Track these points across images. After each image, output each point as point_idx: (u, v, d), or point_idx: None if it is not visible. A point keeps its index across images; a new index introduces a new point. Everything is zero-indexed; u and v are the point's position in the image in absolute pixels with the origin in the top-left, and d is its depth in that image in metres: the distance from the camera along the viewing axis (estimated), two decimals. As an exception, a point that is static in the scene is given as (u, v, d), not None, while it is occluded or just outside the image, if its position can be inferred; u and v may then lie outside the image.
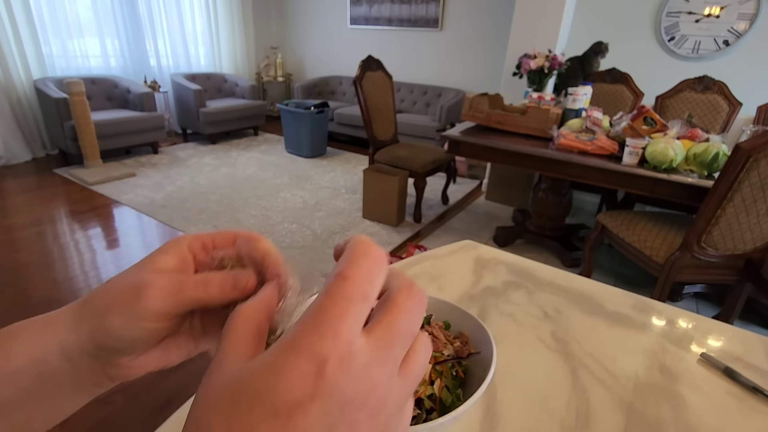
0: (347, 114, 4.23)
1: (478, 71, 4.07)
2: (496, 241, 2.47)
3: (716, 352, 0.53)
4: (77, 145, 3.11)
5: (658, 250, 1.61)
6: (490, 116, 2.08)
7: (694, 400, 0.46)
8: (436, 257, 0.74)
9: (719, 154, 1.50)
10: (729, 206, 1.38)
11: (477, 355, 0.39)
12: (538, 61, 2.23)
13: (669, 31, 2.76)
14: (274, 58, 5.29)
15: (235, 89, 4.67)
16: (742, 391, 0.48)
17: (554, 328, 0.57)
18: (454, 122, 3.61)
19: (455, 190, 3.30)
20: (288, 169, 3.57)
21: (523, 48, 2.52)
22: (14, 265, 1.98)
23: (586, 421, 0.42)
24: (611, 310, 0.62)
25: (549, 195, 2.24)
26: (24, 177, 3.11)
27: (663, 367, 0.51)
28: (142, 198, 2.81)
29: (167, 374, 1.38)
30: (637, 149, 1.63)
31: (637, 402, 0.45)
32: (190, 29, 4.53)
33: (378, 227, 2.57)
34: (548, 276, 0.70)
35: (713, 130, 2.47)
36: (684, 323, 0.60)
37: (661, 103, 2.62)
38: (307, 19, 5.13)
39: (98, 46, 3.86)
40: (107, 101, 3.75)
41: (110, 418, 1.21)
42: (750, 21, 2.55)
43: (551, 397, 0.45)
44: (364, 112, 2.53)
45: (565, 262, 2.26)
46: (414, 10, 4.21)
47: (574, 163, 1.76)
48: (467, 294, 0.64)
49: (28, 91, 3.38)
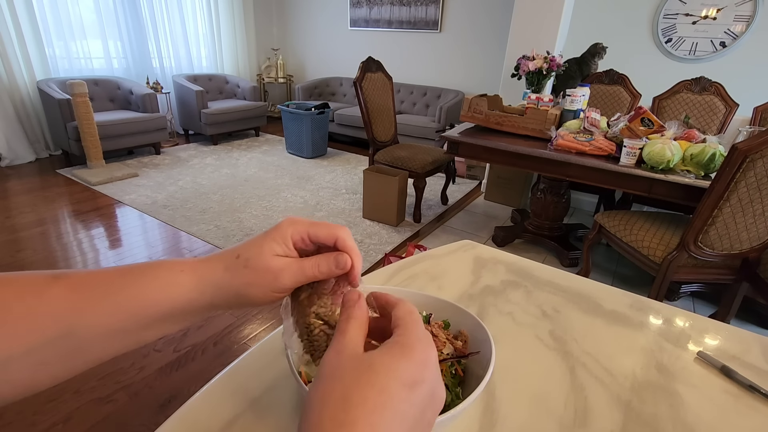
0: (348, 115, 4.24)
1: (478, 72, 4.07)
2: (494, 241, 2.48)
3: (713, 351, 0.54)
4: (80, 146, 3.12)
5: (656, 250, 1.61)
6: (489, 117, 2.09)
7: (691, 398, 0.46)
8: (435, 257, 0.74)
9: (716, 154, 1.51)
10: (725, 206, 1.39)
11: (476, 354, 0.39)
12: (537, 62, 2.23)
13: (666, 33, 2.77)
14: (275, 59, 5.30)
15: (237, 90, 4.68)
16: (739, 389, 0.48)
17: (552, 327, 0.57)
18: (454, 123, 3.61)
19: (454, 190, 3.30)
20: (289, 170, 3.58)
21: (521, 50, 2.53)
22: (18, 265, 1.99)
23: (584, 419, 0.43)
24: (609, 309, 0.62)
25: (547, 195, 2.25)
26: (27, 177, 3.12)
27: (660, 366, 0.51)
28: (145, 198, 2.81)
29: (169, 373, 1.39)
30: (635, 150, 1.64)
31: (634, 400, 0.45)
32: (192, 31, 4.53)
33: (378, 227, 2.57)
34: (547, 275, 0.70)
35: (710, 130, 2.48)
36: (681, 322, 0.61)
37: (658, 104, 2.63)
38: (307, 21, 5.14)
39: (101, 48, 3.87)
40: (110, 102, 3.75)
41: (112, 416, 1.22)
42: (747, 23, 2.56)
43: (549, 395, 0.46)
44: (365, 113, 2.53)
45: (564, 261, 2.26)
46: (414, 12, 4.22)
47: (572, 164, 1.77)
48: (466, 293, 0.64)
49: (32, 93, 3.39)
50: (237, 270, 0.26)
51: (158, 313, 0.24)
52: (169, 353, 1.48)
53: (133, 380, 1.35)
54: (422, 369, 0.20)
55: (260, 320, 1.69)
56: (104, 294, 0.23)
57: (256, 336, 1.60)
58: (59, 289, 0.22)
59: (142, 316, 0.24)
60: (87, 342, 0.22)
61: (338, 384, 0.19)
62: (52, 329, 0.21)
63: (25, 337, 0.21)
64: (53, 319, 0.21)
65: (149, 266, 0.25)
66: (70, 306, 0.22)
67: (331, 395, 0.18)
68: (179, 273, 0.25)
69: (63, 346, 0.22)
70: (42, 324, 0.21)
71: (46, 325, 0.21)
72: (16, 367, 0.20)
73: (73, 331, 0.22)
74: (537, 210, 2.33)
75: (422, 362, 0.20)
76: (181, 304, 0.25)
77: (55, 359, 0.22)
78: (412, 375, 0.19)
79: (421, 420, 0.19)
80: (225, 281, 0.26)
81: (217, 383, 0.44)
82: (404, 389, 0.19)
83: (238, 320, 1.68)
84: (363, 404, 0.17)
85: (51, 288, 0.22)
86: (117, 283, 0.24)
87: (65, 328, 0.22)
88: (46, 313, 0.21)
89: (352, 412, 0.17)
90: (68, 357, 0.22)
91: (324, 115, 3.88)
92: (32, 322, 0.21)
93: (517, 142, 1.94)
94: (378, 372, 0.19)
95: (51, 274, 0.23)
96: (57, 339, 0.21)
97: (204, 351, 1.50)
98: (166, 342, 1.53)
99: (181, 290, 0.25)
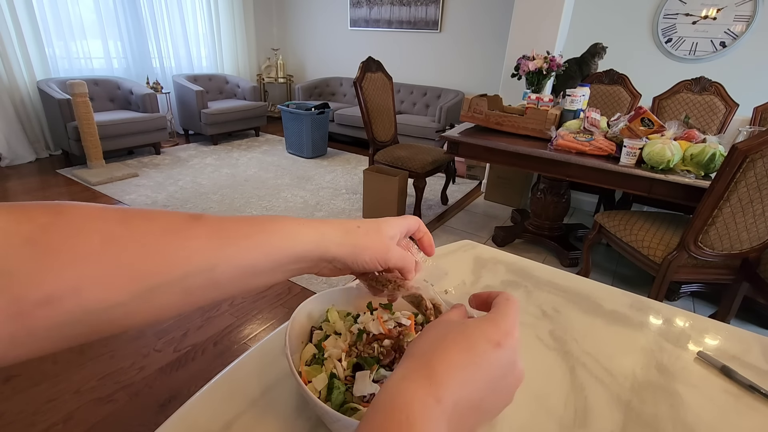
0: (348, 115, 4.24)
1: (478, 72, 4.08)
2: (494, 241, 2.48)
3: (713, 351, 0.54)
4: (80, 146, 3.12)
5: (656, 250, 1.62)
6: (489, 117, 2.09)
7: (691, 398, 0.46)
8: (435, 257, 0.74)
9: (716, 154, 1.51)
10: (725, 206, 1.39)
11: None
12: (537, 62, 2.23)
13: (666, 33, 2.77)
14: (275, 59, 5.30)
15: (237, 90, 4.68)
16: (739, 389, 0.48)
17: (552, 327, 0.57)
18: (454, 123, 3.61)
19: (454, 190, 3.30)
20: (289, 170, 3.58)
21: (521, 50, 2.53)
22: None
23: (584, 419, 0.43)
24: (609, 309, 0.62)
25: (547, 195, 2.25)
26: (27, 177, 3.12)
27: (660, 366, 0.51)
28: (145, 198, 2.82)
29: (169, 373, 1.39)
30: (635, 150, 1.64)
31: (634, 400, 0.45)
32: (192, 31, 4.54)
33: (378, 228, 2.57)
34: (547, 275, 0.70)
35: (710, 131, 2.48)
36: (681, 322, 0.61)
37: (658, 104, 2.63)
38: (307, 21, 5.14)
39: (101, 48, 3.87)
40: (110, 102, 3.76)
41: (112, 415, 1.22)
42: (747, 23, 2.56)
43: (549, 395, 0.46)
44: (364, 113, 2.53)
45: (564, 261, 2.26)
46: (414, 12, 4.22)
47: (572, 164, 1.77)
48: (466, 293, 0.64)
49: (32, 93, 3.39)
50: (357, 236, 0.31)
51: (279, 258, 0.28)
52: (169, 353, 1.48)
53: (133, 380, 1.35)
54: (506, 336, 0.23)
55: (260, 320, 1.69)
56: (239, 237, 0.26)
57: (256, 336, 1.60)
58: (201, 228, 0.25)
59: (266, 260, 0.27)
60: (224, 276, 0.25)
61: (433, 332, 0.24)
62: (196, 263, 0.24)
63: (174, 267, 0.23)
64: (198, 254, 0.24)
65: (274, 219, 0.29)
66: (211, 244, 0.25)
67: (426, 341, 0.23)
68: (300, 226, 0.29)
69: (205, 278, 0.24)
70: (188, 257, 0.24)
71: (192, 259, 0.24)
72: (166, 293, 0.23)
73: (213, 266, 0.25)
74: (537, 210, 2.33)
75: (507, 331, 0.23)
76: (301, 252, 0.29)
77: (198, 289, 0.24)
78: (496, 336, 0.23)
79: (502, 381, 0.23)
80: (345, 240, 0.30)
81: (217, 383, 0.44)
82: (489, 345, 0.22)
83: (238, 320, 1.68)
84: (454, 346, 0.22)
85: (193, 227, 0.25)
86: (248, 230, 0.27)
87: (207, 262, 0.24)
88: (192, 247, 0.24)
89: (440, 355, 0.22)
90: (208, 288, 0.25)
91: (324, 115, 3.88)
92: (181, 255, 0.23)
93: (517, 142, 1.94)
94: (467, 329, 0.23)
95: (190, 215, 0.25)
96: (200, 272, 0.24)
97: (204, 351, 1.50)
98: (166, 342, 1.53)
99: (303, 240, 0.29)
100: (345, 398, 0.35)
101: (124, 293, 0.21)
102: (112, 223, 0.22)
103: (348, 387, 0.35)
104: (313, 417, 0.40)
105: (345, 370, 0.37)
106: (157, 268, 0.22)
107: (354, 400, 0.34)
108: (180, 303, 0.24)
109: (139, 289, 0.22)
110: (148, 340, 1.54)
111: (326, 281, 1.99)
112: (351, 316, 0.44)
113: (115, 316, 0.21)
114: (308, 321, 0.44)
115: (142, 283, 0.22)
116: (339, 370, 0.37)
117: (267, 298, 1.83)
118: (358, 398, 0.34)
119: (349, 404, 0.34)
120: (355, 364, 0.37)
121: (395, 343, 0.39)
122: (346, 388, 0.35)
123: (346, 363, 0.38)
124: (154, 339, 1.54)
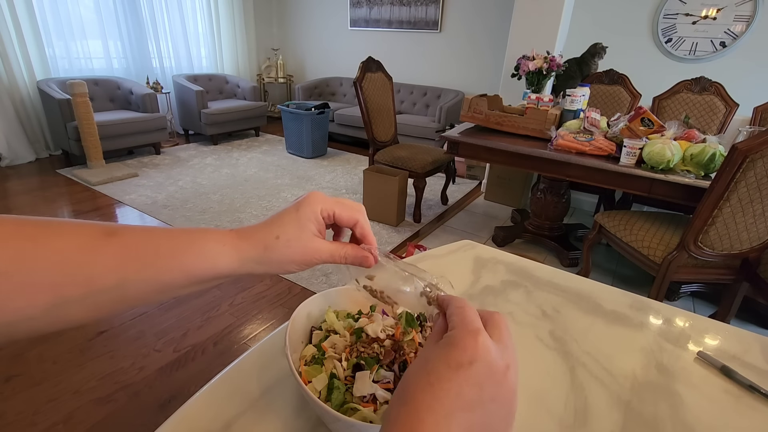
0: (348, 115, 4.24)
1: (477, 72, 4.08)
2: (495, 241, 2.48)
3: (713, 351, 0.54)
4: (80, 146, 3.12)
5: (656, 250, 1.62)
6: (489, 117, 2.09)
7: (691, 398, 0.46)
8: (435, 257, 0.74)
9: (716, 154, 1.51)
10: (725, 206, 1.39)
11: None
12: (537, 62, 2.23)
13: (666, 33, 2.77)
14: (275, 59, 5.30)
15: (237, 90, 4.68)
16: (739, 389, 0.48)
17: (553, 327, 0.57)
18: (454, 123, 3.61)
19: (454, 190, 3.30)
20: (289, 170, 3.58)
21: (521, 50, 2.53)
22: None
23: (584, 419, 0.43)
24: (609, 309, 0.62)
25: (547, 195, 2.25)
26: (27, 177, 3.12)
27: (660, 366, 0.51)
28: (145, 198, 2.82)
29: (169, 373, 1.39)
30: (635, 150, 1.64)
31: (634, 400, 0.45)
32: (192, 31, 4.53)
33: (378, 227, 2.58)
34: (547, 275, 0.70)
35: (710, 130, 2.48)
36: (681, 322, 0.61)
37: (658, 104, 2.63)
38: (307, 21, 5.14)
39: (101, 48, 3.87)
40: (110, 102, 3.75)
41: (112, 416, 1.22)
42: (747, 23, 2.56)
43: (550, 395, 0.46)
44: (364, 113, 2.53)
45: (564, 261, 2.26)
46: (414, 12, 4.22)
47: (572, 164, 1.77)
48: (466, 293, 0.64)
49: (32, 93, 3.39)
50: (278, 249, 0.30)
51: (199, 278, 0.28)
52: (169, 353, 1.48)
53: (133, 380, 1.35)
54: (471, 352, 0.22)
55: (260, 320, 1.69)
56: (154, 257, 0.26)
57: (256, 336, 1.60)
58: (114, 246, 0.25)
59: (184, 279, 0.27)
60: (133, 292, 0.26)
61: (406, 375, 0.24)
62: (106, 280, 0.25)
63: (83, 285, 0.24)
64: (109, 273, 0.25)
65: (194, 237, 0.28)
66: (123, 263, 0.25)
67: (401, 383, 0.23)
68: (222, 246, 0.29)
69: (116, 294, 0.25)
70: (98, 275, 0.24)
71: (102, 276, 0.25)
72: (74, 307, 0.24)
73: (123, 284, 0.25)
74: (537, 210, 2.33)
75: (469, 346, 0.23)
76: (222, 273, 0.29)
77: (106, 304, 0.25)
78: (457, 358, 0.22)
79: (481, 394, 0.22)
80: (266, 258, 0.30)
81: (217, 383, 0.44)
82: (449, 370, 0.22)
83: (238, 320, 1.68)
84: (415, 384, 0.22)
85: (107, 245, 0.25)
86: (166, 248, 0.27)
87: (117, 280, 0.25)
88: (103, 265, 0.25)
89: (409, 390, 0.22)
90: (116, 303, 0.26)
91: (324, 115, 3.88)
92: (90, 273, 0.24)
93: (517, 142, 1.94)
94: (428, 359, 0.23)
95: (106, 230, 0.26)
96: (110, 290, 0.25)
97: (204, 351, 1.50)
98: (166, 342, 1.53)
99: (224, 262, 0.28)
100: (345, 398, 0.35)
101: (34, 309, 0.23)
102: (23, 240, 0.23)
103: (348, 387, 0.35)
104: (313, 417, 0.40)
105: (345, 370, 0.37)
106: (66, 285, 0.23)
107: (354, 400, 0.34)
108: (89, 315, 0.25)
109: (48, 306, 0.23)
110: (148, 340, 1.54)
111: (326, 281, 1.99)
112: (351, 317, 0.44)
113: (23, 328, 0.23)
114: (308, 321, 0.44)
115: (52, 299, 0.23)
116: (339, 370, 0.37)
117: (267, 298, 1.83)
118: (358, 398, 0.34)
119: (349, 404, 0.34)
120: (355, 364, 0.37)
121: (395, 343, 0.39)
122: (346, 388, 0.35)
123: (346, 363, 0.38)
124: (154, 339, 1.54)
